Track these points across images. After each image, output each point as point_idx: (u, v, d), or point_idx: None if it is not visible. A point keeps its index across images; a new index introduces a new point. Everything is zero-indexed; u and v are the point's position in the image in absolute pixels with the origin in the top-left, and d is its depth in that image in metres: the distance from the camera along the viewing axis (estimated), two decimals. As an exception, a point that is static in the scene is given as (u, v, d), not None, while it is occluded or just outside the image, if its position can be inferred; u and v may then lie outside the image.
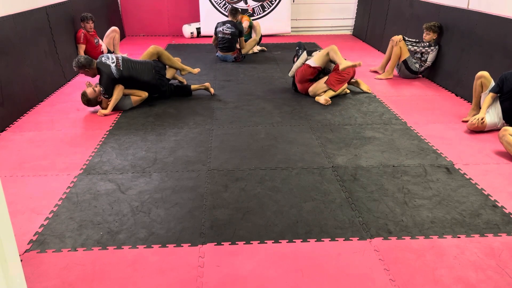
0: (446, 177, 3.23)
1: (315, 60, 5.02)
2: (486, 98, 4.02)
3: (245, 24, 7.27)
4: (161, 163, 3.44)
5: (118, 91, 4.50)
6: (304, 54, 5.26)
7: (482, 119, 3.94)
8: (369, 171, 3.31)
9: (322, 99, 4.84)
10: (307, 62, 5.08)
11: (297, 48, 5.44)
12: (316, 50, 5.32)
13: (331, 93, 4.91)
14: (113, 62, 4.56)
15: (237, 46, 6.81)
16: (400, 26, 6.81)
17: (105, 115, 4.46)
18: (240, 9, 7.14)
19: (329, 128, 4.16)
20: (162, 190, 3.04)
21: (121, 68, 4.55)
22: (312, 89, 5.03)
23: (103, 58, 4.60)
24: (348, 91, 5.07)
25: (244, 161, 3.48)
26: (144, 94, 4.74)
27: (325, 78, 5.00)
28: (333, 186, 3.10)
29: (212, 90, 5.19)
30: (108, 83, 4.49)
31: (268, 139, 3.90)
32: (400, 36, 5.69)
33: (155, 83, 4.80)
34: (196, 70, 5.31)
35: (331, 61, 5.03)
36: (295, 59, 5.60)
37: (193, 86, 5.15)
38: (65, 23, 5.96)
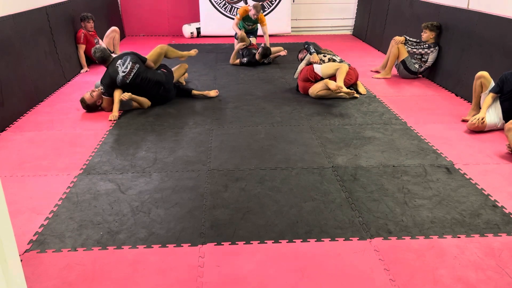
0: (446, 177, 3.23)
1: (322, 70, 5.01)
2: (486, 98, 4.01)
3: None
4: (161, 163, 3.44)
5: (119, 92, 4.49)
6: (307, 56, 5.28)
7: (482, 119, 3.94)
8: (369, 171, 3.31)
9: (333, 84, 4.74)
10: (315, 66, 5.05)
11: (306, 45, 5.43)
12: (321, 53, 5.30)
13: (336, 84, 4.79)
14: (124, 72, 4.47)
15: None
16: (400, 26, 6.81)
17: (117, 117, 4.40)
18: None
19: (329, 128, 4.16)
20: (162, 190, 3.04)
21: (127, 82, 4.49)
22: (311, 89, 5.03)
23: (118, 61, 4.51)
24: (358, 96, 5.02)
25: (244, 161, 3.48)
26: (147, 104, 4.69)
27: (325, 80, 5.01)
28: (333, 186, 3.10)
29: (211, 94, 5.10)
30: (109, 85, 4.49)
31: (268, 139, 3.90)
32: (403, 38, 5.68)
33: (159, 98, 4.76)
34: (194, 52, 5.34)
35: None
36: (300, 56, 5.58)
37: (194, 92, 5.06)
38: (65, 23, 5.96)
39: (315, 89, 5.00)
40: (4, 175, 3.27)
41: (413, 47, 5.63)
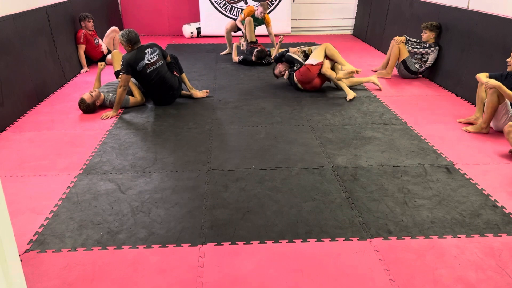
0: (446, 177, 3.23)
1: (316, 58, 5.14)
2: (482, 75, 3.91)
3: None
4: (161, 163, 3.44)
5: (122, 92, 4.48)
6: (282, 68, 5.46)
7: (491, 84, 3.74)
8: (369, 171, 3.31)
9: (345, 72, 5.08)
10: (308, 62, 5.13)
11: (279, 55, 5.50)
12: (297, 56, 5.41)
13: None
14: (149, 61, 4.51)
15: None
16: (400, 26, 6.81)
17: (112, 117, 4.45)
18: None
19: (329, 128, 4.16)
20: (162, 190, 3.04)
21: (147, 71, 4.52)
22: (325, 72, 5.12)
23: (148, 49, 4.57)
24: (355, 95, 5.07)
25: (244, 161, 3.48)
26: (142, 100, 4.79)
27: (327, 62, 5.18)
28: (333, 186, 3.10)
29: (199, 94, 5.09)
30: (129, 64, 4.48)
31: (268, 139, 3.90)
32: (403, 38, 5.69)
33: (164, 99, 4.78)
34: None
35: (330, 59, 5.15)
36: (277, 71, 5.55)
37: (183, 92, 5.07)
38: (65, 23, 5.96)
39: (325, 69, 5.11)
40: (4, 175, 3.27)
41: (413, 46, 5.63)
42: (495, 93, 3.76)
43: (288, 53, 5.39)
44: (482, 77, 3.91)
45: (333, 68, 5.21)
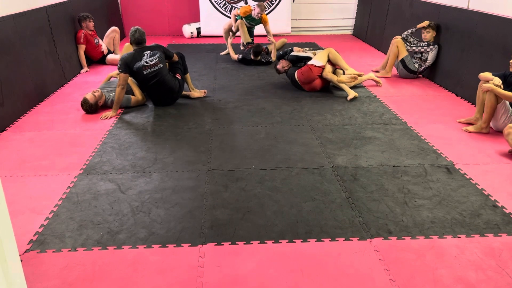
0: (446, 177, 3.23)
1: (319, 60, 5.17)
2: (487, 73, 3.93)
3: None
4: (161, 163, 3.44)
5: (120, 91, 4.48)
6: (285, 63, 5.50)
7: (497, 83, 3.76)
8: (369, 171, 3.31)
9: (349, 75, 5.14)
10: (311, 63, 5.16)
11: (282, 52, 5.60)
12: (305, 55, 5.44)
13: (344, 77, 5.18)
14: (146, 63, 4.51)
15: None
16: (400, 26, 6.81)
17: (111, 117, 4.45)
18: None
19: (329, 128, 4.16)
20: (162, 190, 3.04)
21: (144, 73, 4.52)
22: (330, 75, 5.13)
23: (148, 51, 4.56)
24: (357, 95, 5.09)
25: (244, 161, 3.48)
26: (143, 99, 4.81)
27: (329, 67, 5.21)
28: (333, 186, 3.10)
29: (196, 94, 5.10)
30: (127, 64, 4.49)
31: (268, 139, 3.90)
32: (406, 33, 5.78)
33: (163, 100, 4.78)
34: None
35: (333, 64, 5.19)
36: (280, 66, 5.58)
37: (184, 92, 5.07)
38: (65, 23, 5.96)
39: (326, 73, 5.12)
40: (4, 175, 3.27)
41: (412, 45, 5.65)
42: (493, 92, 3.78)
43: (292, 53, 5.48)
44: (489, 75, 3.91)
45: (334, 73, 5.24)
